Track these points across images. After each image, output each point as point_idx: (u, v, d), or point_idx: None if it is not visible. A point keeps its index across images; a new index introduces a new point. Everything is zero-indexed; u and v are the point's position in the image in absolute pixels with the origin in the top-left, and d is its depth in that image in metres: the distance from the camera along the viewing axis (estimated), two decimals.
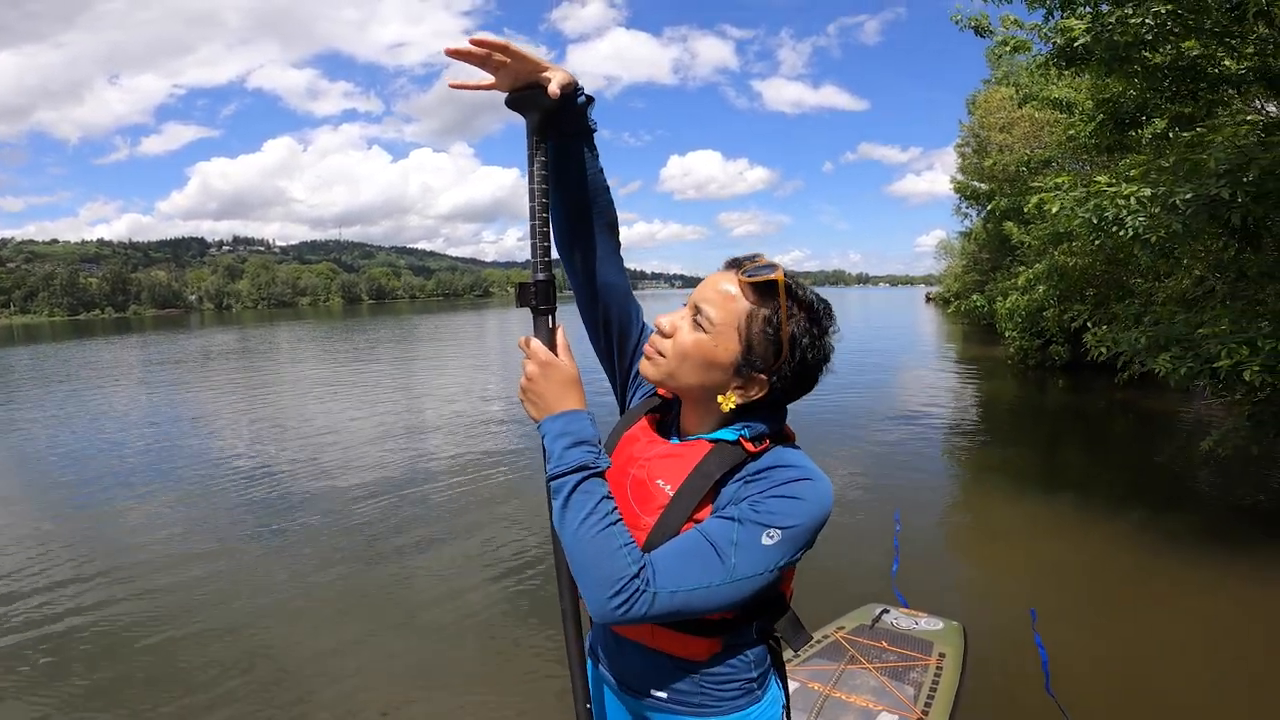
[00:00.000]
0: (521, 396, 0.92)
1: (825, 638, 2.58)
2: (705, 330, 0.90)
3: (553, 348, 0.91)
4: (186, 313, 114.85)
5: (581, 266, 1.02)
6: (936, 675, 2.34)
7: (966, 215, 19.39)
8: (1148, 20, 4.14)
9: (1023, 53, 6.20)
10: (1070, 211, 4.54)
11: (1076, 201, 4.51)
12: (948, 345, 20.03)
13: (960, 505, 5.60)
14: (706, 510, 0.88)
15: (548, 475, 0.87)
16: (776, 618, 0.96)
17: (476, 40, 0.84)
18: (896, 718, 2.13)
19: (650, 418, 1.03)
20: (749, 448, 0.89)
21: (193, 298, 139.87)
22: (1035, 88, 7.51)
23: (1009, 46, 5.99)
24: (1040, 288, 9.08)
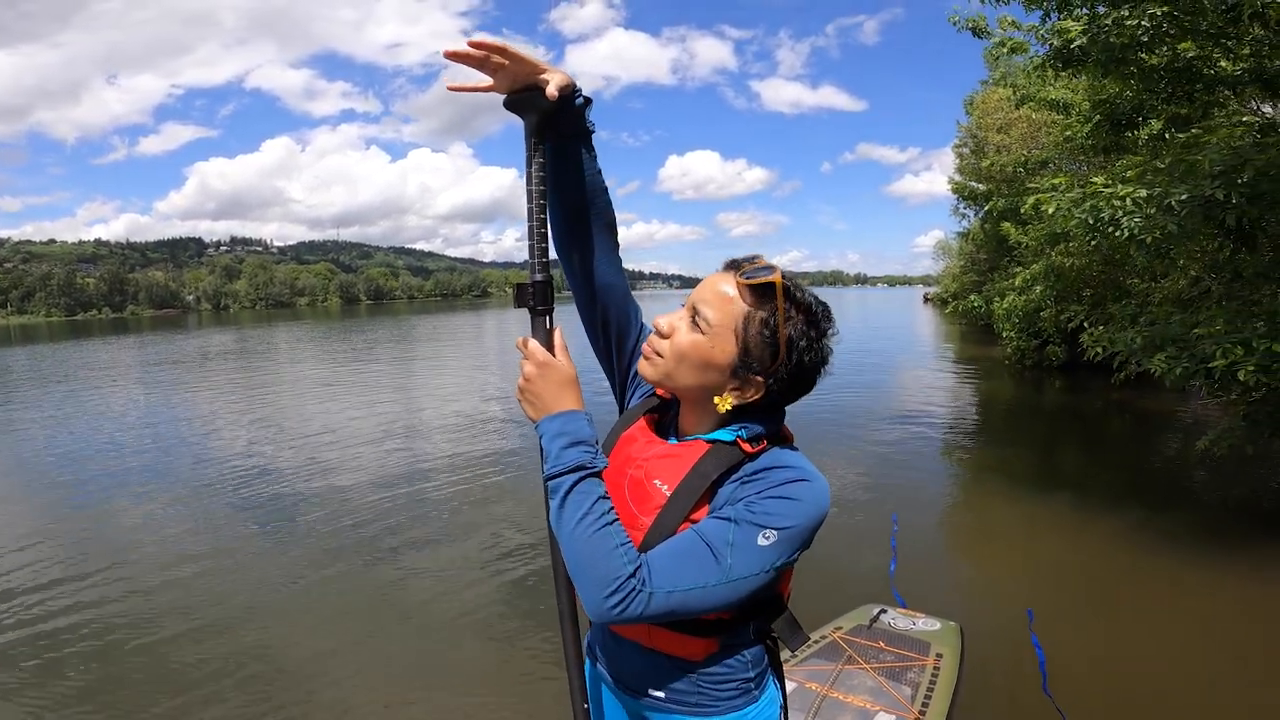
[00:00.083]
0: (519, 397, 0.92)
1: (823, 638, 2.58)
2: (703, 331, 0.90)
3: (551, 348, 0.91)
4: (184, 313, 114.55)
5: (580, 267, 1.02)
6: (934, 675, 2.34)
7: (964, 216, 19.39)
8: (1144, 22, 4.16)
9: (1020, 54, 6.23)
10: (1067, 212, 4.55)
11: (1073, 202, 4.52)
12: (945, 345, 20.03)
13: (958, 505, 5.61)
14: (703, 511, 0.88)
15: (545, 475, 0.88)
16: (774, 618, 0.96)
17: (474, 42, 0.84)
18: (894, 718, 2.13)
19: (649, 418, 1.03)
20: (746, 448, 0.89)
21: (190, 298, 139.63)
22: (1032, 89, 7.54)
23: (1006, 48, 6.02)
24: (1037, 288, 9.12)
